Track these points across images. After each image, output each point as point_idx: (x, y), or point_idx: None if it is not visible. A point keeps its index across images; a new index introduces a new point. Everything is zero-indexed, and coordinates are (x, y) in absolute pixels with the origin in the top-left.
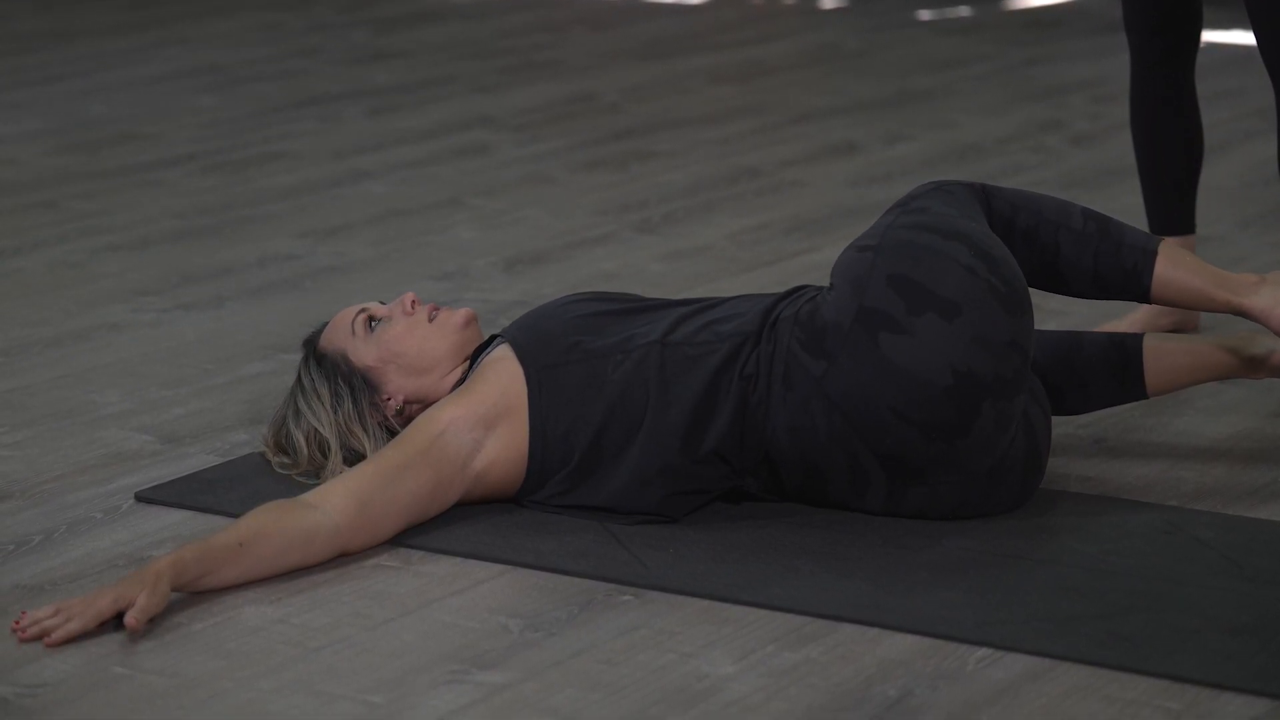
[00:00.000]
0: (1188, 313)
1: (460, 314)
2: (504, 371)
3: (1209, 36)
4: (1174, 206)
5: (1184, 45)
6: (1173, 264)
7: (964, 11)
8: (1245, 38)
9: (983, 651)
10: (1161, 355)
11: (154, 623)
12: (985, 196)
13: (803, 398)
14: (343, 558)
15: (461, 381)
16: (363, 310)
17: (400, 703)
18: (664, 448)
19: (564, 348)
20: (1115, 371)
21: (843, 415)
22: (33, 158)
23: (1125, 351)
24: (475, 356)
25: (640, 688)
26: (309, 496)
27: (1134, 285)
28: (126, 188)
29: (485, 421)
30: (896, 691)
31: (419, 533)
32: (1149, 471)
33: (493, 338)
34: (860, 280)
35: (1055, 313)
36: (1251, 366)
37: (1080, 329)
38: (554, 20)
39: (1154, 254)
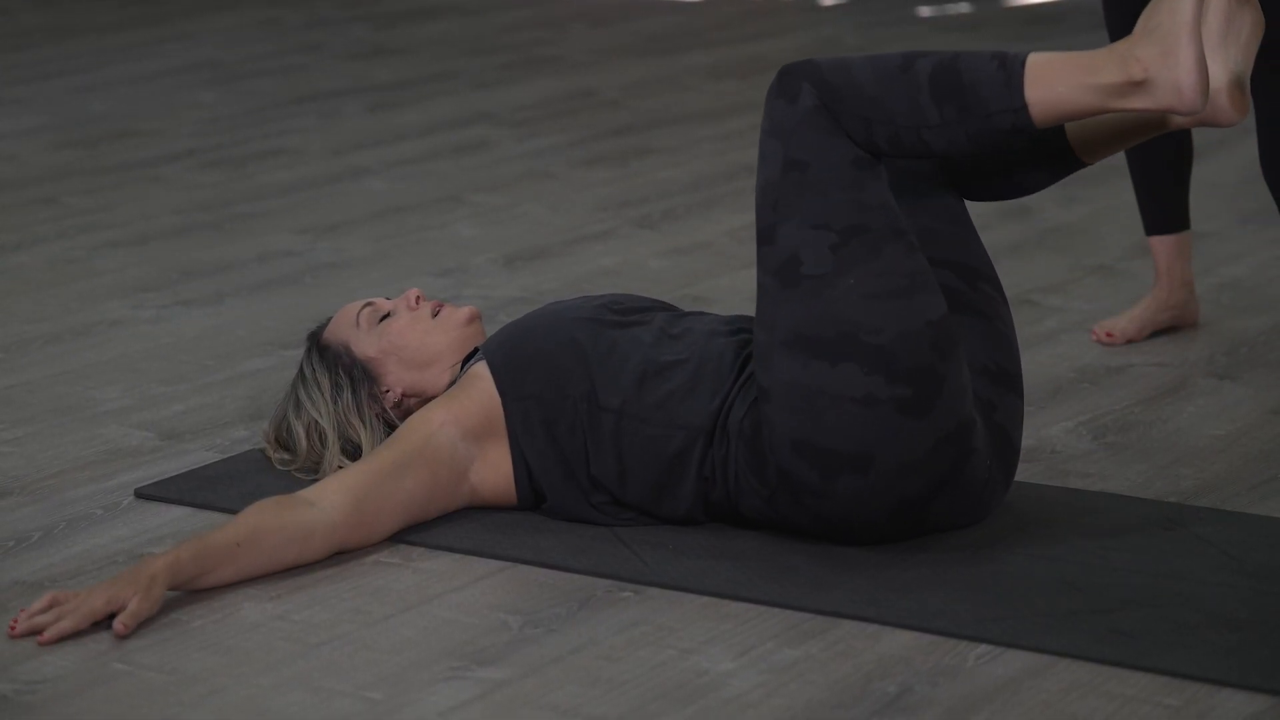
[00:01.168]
0: (1186, 307)
1: (463, 311)
2: (484, 392)
3: None
4: (1168, 206)
5: None
6: (1046, 96)
7: (964, 8)
8: None
9: (982, 648)
10: (1085, 125)
11: (153, 620)
12: (832, 115)
13: (764, 500)
14: (342, 555)
15: (453, 382)
16: (369, 304)
17: (400, 699)
18: (629, 504)
19: (539, 379)
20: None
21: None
22: (33, 153)
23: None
24: (466, 361)
25: (640, 684)
26: (305, 494)
27: (1020, 138)
28: (126, 184)
29: (473, 434)
30: (896, 688)
31: (419, 529)
32: (1148, 467)
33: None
34: (768, 437)
35: (1054, 310)
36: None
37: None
38: (554, 16)
39: (1023, 108)
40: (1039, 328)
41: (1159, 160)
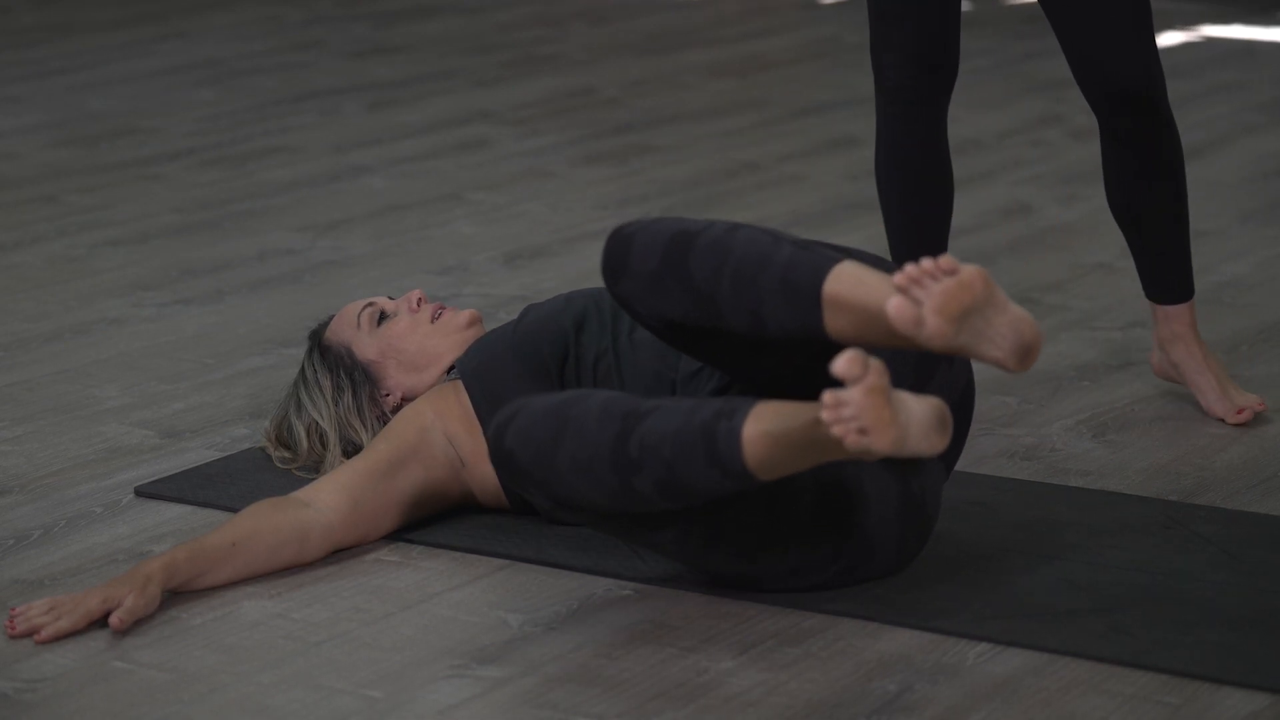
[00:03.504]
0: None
1: (463, 315)
2: (464, 416)
3: (1210, 31)
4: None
5: (950, 81)
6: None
7: (964, 6)
8: (1245, 32)
9: (982, 646)
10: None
11: (153, 618)
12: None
13: None
14: (342, 553)
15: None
16: (370, 304)
17: (400, 697)
18: None
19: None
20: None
21: None
22: (32, 152)
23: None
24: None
25: (640, 682)
26: (301, 494)
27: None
28: (126, 182)
29: (459, 441)
30: (896, 686)
31: (418, 527)
32: (1148, 466)
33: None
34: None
35: (1054, 309)
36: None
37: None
38: (553, 14)
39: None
40: (1039, 327)
41: (930, 212)
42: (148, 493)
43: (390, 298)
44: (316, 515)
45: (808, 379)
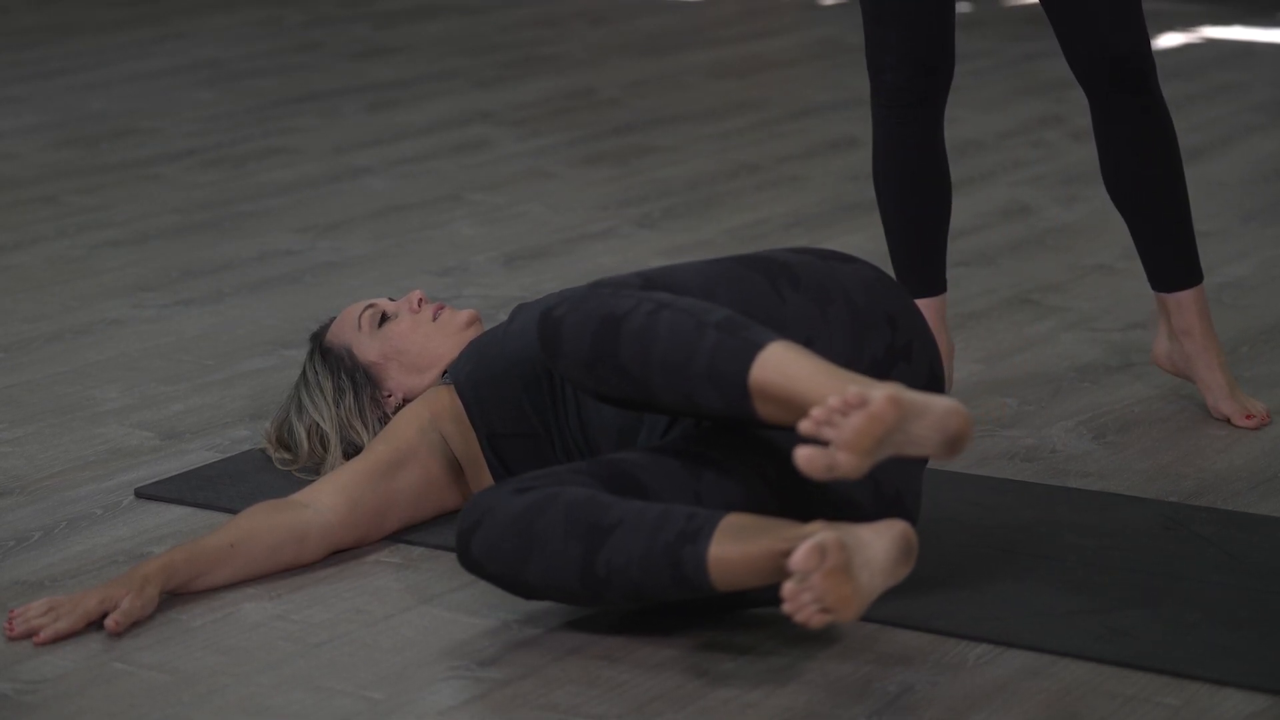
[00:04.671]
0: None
1: (463, 315)
2: (458, 418)
3: (1210, 32)
4: (933, 265)
5: (945, 83)
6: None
7: (964, 7)
8: (1245, 33)
9: (982, 647)
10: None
11: (153, 619)
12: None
13: None
14: (342, 554)
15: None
16: (370, 306)
17: (400, 698)
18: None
19: (509, 414)
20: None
21: None
22: (32, 152)
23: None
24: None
25: (639, 683)
26: (300, 495)
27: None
28: (126, 183)
29: (454, 443)
30: (896, 687)
31: (419, 529)
32: (1148, 467)
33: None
34: None
35: (1054, 309)
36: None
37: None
38: (554, 15)
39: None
40: (1039, 327)
41: (927, 217)
42: (148, 494)
43: (391, 299)
44: (315, 516)
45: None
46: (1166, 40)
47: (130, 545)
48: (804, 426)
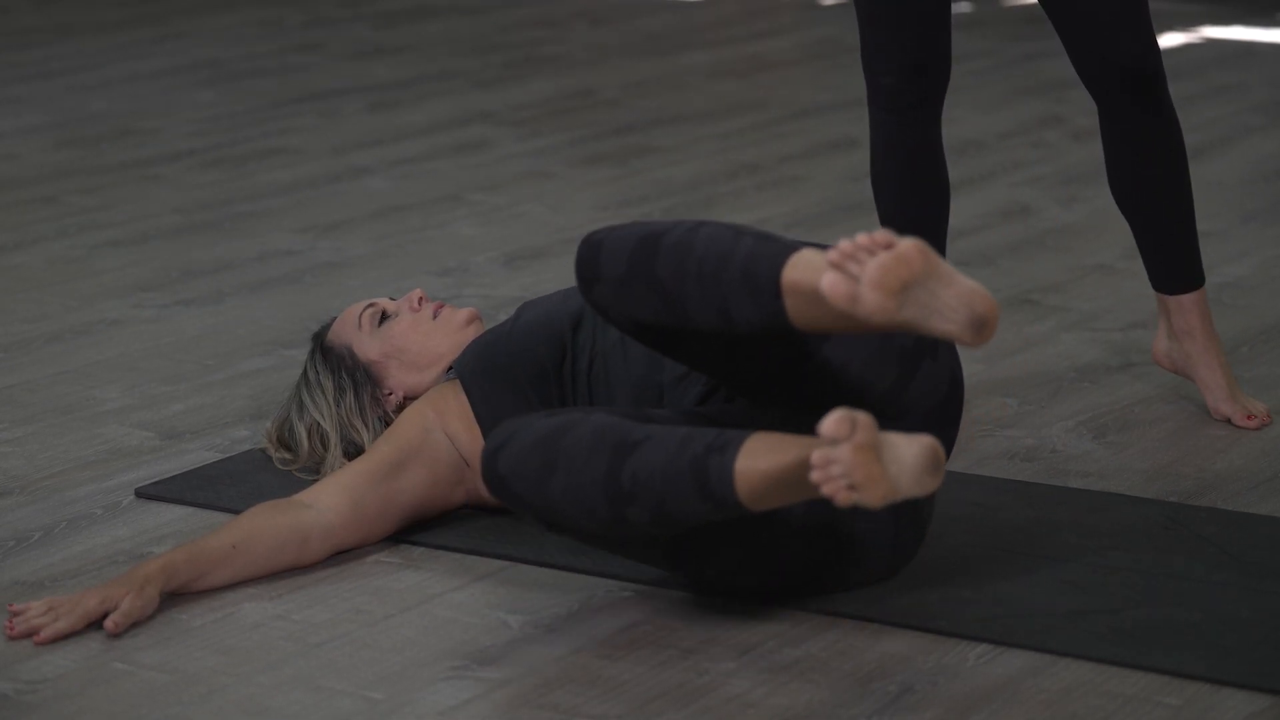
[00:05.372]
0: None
1: (463, 313)
2: (464, 415)
3: (1210, 32)
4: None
5: (942, 85)
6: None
7: (964, 7)
8: (1245, 33)
9: (982, 647)
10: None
11: (153, 619)
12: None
13: None
14: (343, 554)
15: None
16: (371, 305)
17: (400, 698)
18: None
19: (515, 409)
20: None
21: None
22: (32, 152)
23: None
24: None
25: (640, 683)
26: (302, 496)
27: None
28: (126, 183)
29: (459, 440)
30: (896, 687)
31: (419, 528)
32: (1149, 467)
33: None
34: None
35: (1054, 310)
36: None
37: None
38: (554, 15)
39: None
40: (1039, 328)
41: (925, 217)
42: (148, 494)
43: (391, 298)
44: (317, 517)
45: (791, 383)
46: (1166, 40)
47: (130, 545)
48: (831, 256)
